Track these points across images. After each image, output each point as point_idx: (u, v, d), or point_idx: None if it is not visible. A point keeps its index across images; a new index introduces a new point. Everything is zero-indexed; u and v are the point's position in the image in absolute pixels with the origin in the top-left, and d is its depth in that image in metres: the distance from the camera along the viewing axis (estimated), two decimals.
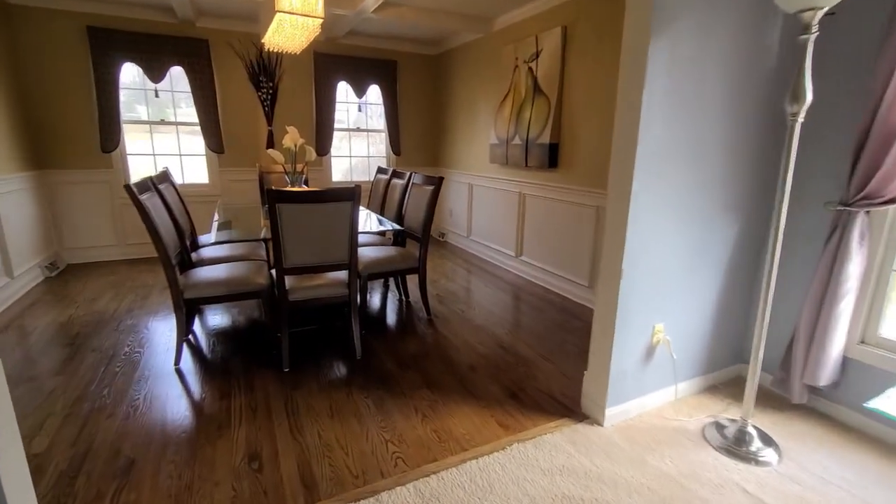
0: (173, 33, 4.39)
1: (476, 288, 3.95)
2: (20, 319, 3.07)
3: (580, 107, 3.46)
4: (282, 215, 2.26)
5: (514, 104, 4.14)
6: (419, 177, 3.34)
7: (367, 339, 2.88)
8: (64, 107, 4.18)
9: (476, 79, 4.86)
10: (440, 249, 5.38)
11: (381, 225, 3.15)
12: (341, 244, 2.45)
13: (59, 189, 4.29)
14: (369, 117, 5.66)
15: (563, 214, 3.74)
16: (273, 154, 3.22)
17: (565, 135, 3.64)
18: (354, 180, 5.67)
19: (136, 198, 2.22)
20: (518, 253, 4.38)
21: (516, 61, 4.07)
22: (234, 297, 2.55)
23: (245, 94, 4.82)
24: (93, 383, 2.30)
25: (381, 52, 5.35)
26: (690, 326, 2.18)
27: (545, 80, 3.73)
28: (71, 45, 4.09)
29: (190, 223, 3.29)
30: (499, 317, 3.29)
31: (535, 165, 3.90)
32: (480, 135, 4.87)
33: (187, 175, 4.88)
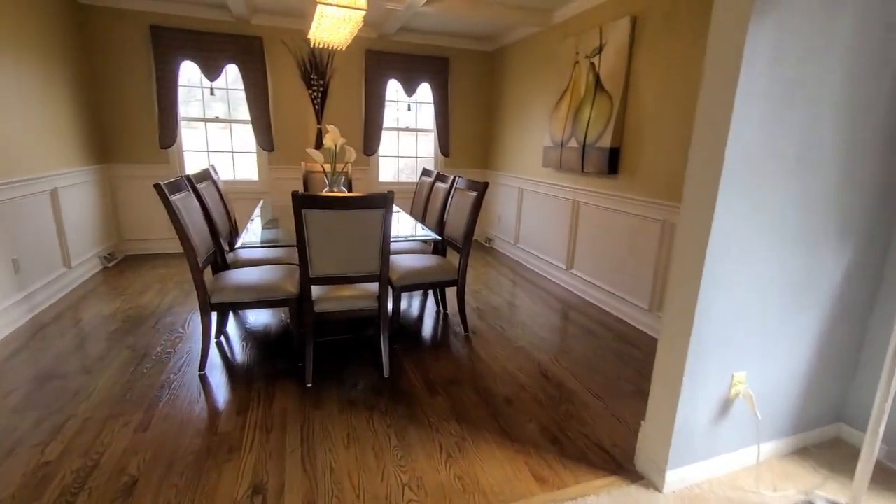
0: (229, 31, 4.43)
1: (521, 302, 3.65)
2: (70, 310, 3.16)
3: (648, 107, 3.06)
4: (308, 222, 2.10)
5: (571, 103, 3.78)
6: (463, 181, 3.10)
7: (398, 355, 2.68)
8: (127, 104, 4.33)
9: (531, 76, 4.53)
10: (485, 256, 5.11)
11: (418, 232, 2.94)
12: (372, 254, 2.26)
13: (120, 182, 4.46)
14: (419, 116, 5.49)
15: (623, 227, 3.35)
16: (312, 154, 3.10)
17: (629, 138, 3.25)
18: (402, 181, 5.53)
19: (165, 198, 2.15)
20: (569, 265, 4.02)
21: (576, 56, 3.71)
22: (262, 304, 2.43)
23: (296, 91, 4.80)
24: (118, 385, 2.26)
25: (433, 48, 5.16)
26: (780, 377, 1.78)
27: (608, 76, 3.35)
28: (135, 43, 4.23)
29: (230, 223, 3.25)
30: (543, 339, 2.98)
31: (593, 171, 3.53)
32: (533, 136, 4.54)
33: (238, 172, 4.94)
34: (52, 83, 3.49)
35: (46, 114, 3.41)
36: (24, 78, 3.13)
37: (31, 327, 2.87)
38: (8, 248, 2.86)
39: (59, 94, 3.60)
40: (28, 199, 3.11)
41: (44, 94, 3.39)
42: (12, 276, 2.89)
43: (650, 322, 3.10)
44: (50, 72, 3.48)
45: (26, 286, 3.02)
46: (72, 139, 3.76)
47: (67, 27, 3.79)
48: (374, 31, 4.87)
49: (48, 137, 3.43)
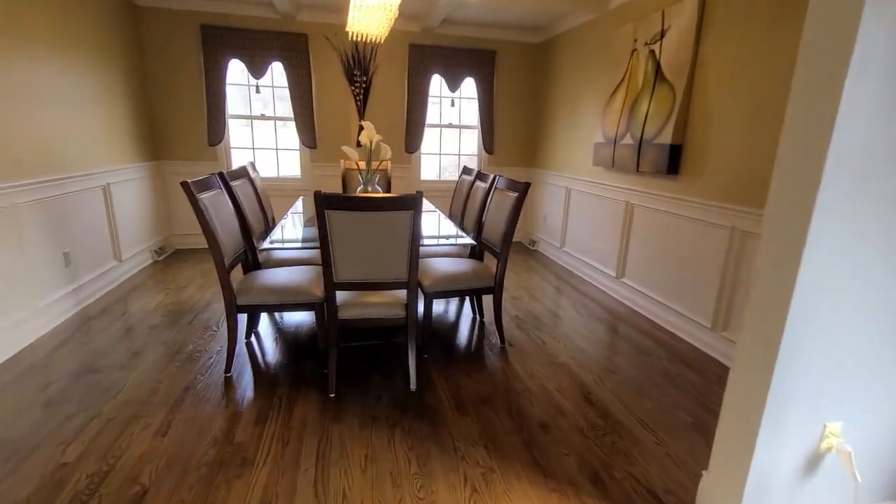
0: (275, 28, 4.44)
1: (564, 312, 3.38)
2: (117, 303, 3.25)
3: (718, 99, 2.70)
4: (331, 224, 1.97)
5: (627, 96, 3.45)
6: (503, 181, 2.88)
7: (427, 365, 2.51)
8: (178, 102, 4.45)
9: (583, 67, 4.21)
10: (528, 259, 4.85)
11: (449, 231, 2.75)
12: (400, 260, 2.10)
13: (171, 179, 4.60)
14: (462, 112, 5.29)
15: (683, 233, 3.00)
16: (347, 151, 2.99)
17: (693, 134, 2.89)
18: (444, 180, 5.36)
19: (192, 195, 2.10)
20: (619, 274, 3.69)
21: (634, 44, 3.37)
22: (286, 308, 2.35)
23: (339, 88, 4.76)
24: (146, 384, 2.25)
25: (478, 41, 4.94)
26: (888, 432, 1.44)
27: (671, 65, 3.00)
28: (186, 43, 4.33)
29: (266, 221, 3.22)
30: (588, 355, 2.71)
31: (650, 170, 3.19)
32: (584, 133, 4.22)
33: (282, 169, 4.97)
34: (108, 83, 3.62)
35: (102, 113, 3.54)
36: (83, 78, 3.25)
37: (79, 319, 2.96)
38: (59, 242, 2.97)
39: (115, 93, 3.73)
40: (81, 195, 3.22)
41: (100, 93, 3.51)
42: (63, 268, 2.99)
43: (712, 342, 2.75)
44: (106, 72, 3.61)
45: (76, 279, 3.13)
46: (125, 137, 3.90)
47: (123, 28, 3.92)
48: (417, 25, 4.73)
49: (103, 136, 3.55)
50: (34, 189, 2.73)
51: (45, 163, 2.87)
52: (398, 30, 4.72)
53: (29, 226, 2.69)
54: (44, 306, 2.78)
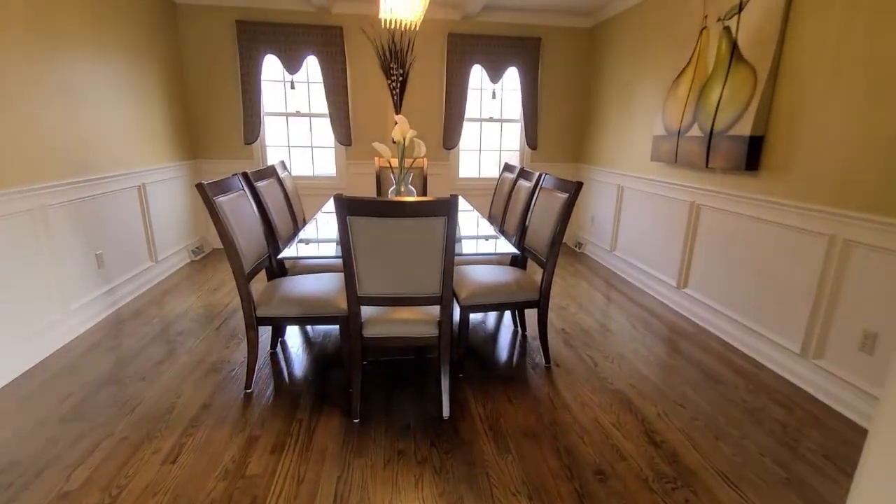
0: (310, 22, 4.29)
1: (617, 326, 3.01)
2: (149, 306, 3.20)
3: (815, 80, 2.25)
4: (354, 231, 1.74)
5: (695, 81, 3.02)
6: (550, 180, 2.56)
7: (462, 387, 2.25)
8: (214, 100, 4.40)
9: (641, 52, 3.78)
10: (575, 264, 4.47)
11: (486, 234, 2.46)
12: (432, 272, 1.84)
13: (208, 177, 4.50)
14: (504, 105, 4.96)
15: (765, 240, 2.56)
16: (378, 148, 2.76)
17: (779, 124, 2.45)
18: (483, 177, 5.06)
19: (207, 199, 1.93)
20: (681, 284, 3.27)
21: (704, 21, 2.94)
22: (311, 321, 2.15)
23: (375, 82, 4.55)
24: (164, 399, 2.12)
25: (522, 27, 4.59)
26: None
27: (751, 43, 2.56)
28: (222, 39, 4.25)
29: (294, 223, 3.05)
30: (648, 381, 2.35)
31: (723, 166, 2.76)
32: (640, 125, 3.80)
33: (317, 167, 4.84)
34: (145, 81, 3.58)
35: (139, 112, 3.50)
36: (119, 77, 3.20)
37: (110, 323, 2.91)
38: (93, 243, 2.93)
39: (152, 92, 3.70)
40: (115, 195, 3.18)
41: (137, 92, 3.47)
42: (95, 270, 2.95)
43: (802, 372, 2.31)
44: (143, 70, 3.57)
45: (110, 280, 3.10)
46: (162, 136, 3.86)
47: (162, 26, 3.88)
48: (456, 13, 4.44)
49: (139, 135, 3.51)
50: (66, 190, 2.68)
51: (79, 163, 2.82)
52: (436, 19, 4.45)
53: (60, 227, 2.64)
54: (75, 309, 2.74)
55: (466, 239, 2.54)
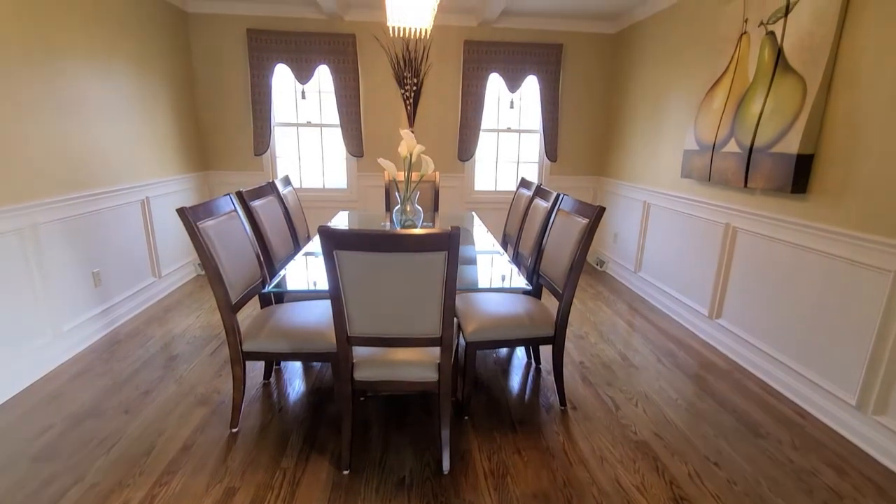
0: (322, 30, 4.17)
1: (642, 360, 2.74)
2: (146, 326, 3.08)
3: (878, 91, 1.96)
4: (343, 266, 1.55)
5: (732, 92, 2.74)
6: (569, 201, 2.32)
7: (467, 432, 2.02)
8: (224, 111, 4.31)
9: (671, 59, 3.51)
10: (596, 284, 4.19)
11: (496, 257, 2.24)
12: (430, 312, 1.63)
13: (217, 190, 4.48)
14: (522, 115, 4.73)
15: (814, 272, 2.26)
16: (384, 164, 2.58)
17: (832, 141, 2.16)
18: (500, 190, 4.84)
19: (189, 225, 1.77)
20: (714, 314, 2.97)
21: (744, 25, 2.66)
22: (300, 357, 1.97)
23: (388, 92, 4.39)
24: (144, 438, 1.96)
25: (543, 34, 4.37)
26: None
27: (799, 49, 2.28)
28: (233, 48, 4.16)
29: (296, 242, 2.89)
30: (678, 431, 2.08)
31: (764, 187, 2.47)
32: (669, 137, 3.52)
33: (328, 177, 4.70)
34: (153, 91, 3.49)
35: (146, 123, 3.41)
36: (125, 86, 3.12)
37: (104, 345, 2.80)
38: (89, 262, 2.83)
39: (160, 102, 3.61)
40: (116, 210, 3.08)
41: (144, 102, 3.38)
42: (92, 289, 2.85)
43: (861, 428, 2.01)
44: (152, 80, 3.48)
45: (107, 299, 2.99)
46: (169, 148, 3.78)
47: (173, 36, 3.80)
48: (473, 19, 4.25)
49: (145, 147, 3.43)
50: (61, 207, 2.58)
51: (78, 178, 2.73)
52: (452, 25, 4.27)
53: (52, 246, 2.54)
54: (67, 331, 2.63)
55: (475, 259, 2.33)
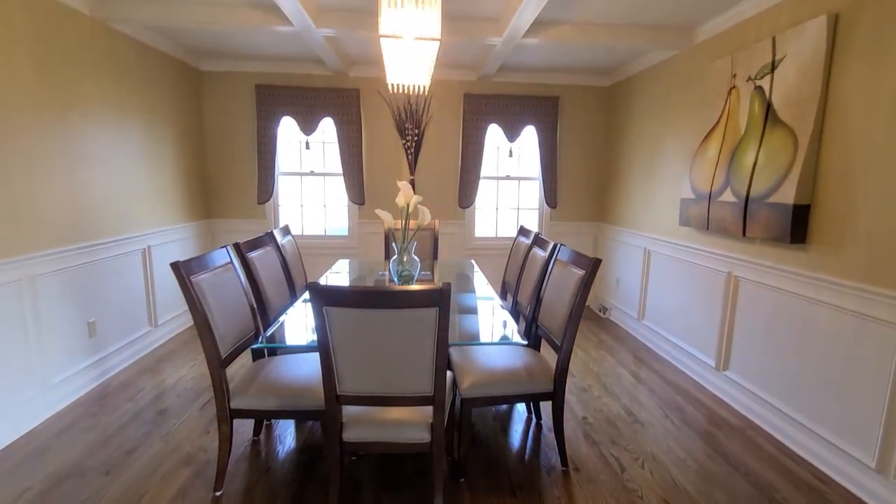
0: (327, 85, 4.34)
1: (648, 415, 2.62)
2: (138, 377, 3.02)
3: (867, 145, 1.98)
4: (332, 323, 1.52)
5: (725, 143, 2.78)
6: (566, 252, 2.31)
7: (461, 498, 1.91)
8: (230, 161, 4.43)
9: (664, 111, 3.60)
10: (599, 332, 4.10)
11: (494, 311, 2.19)
12: (422, 369, 1.59)
13: (219, 238, 4.53)
14: (522, 162, 4.83)
15: (821, 325, 2.20)
16: (381, 214, 2.60)
17: (828, 191, 2.16)
18: (500, 237, 4.86)
19: (182, 279, 1.76)
20: (721, 365, 2.87)
21: (733, 80, 2.74)
22: (288, 415, 1.90)
23: (389, 142, 4.52)
24: (123, 502, 1.87)
25: (539, 87, 4.52)
26: None
27: (788, 103, 2.33)
28: (241, 103, 4.34)
29: (292, 292, 2.88)
30: (688, 498, 1.95)
31: (763, 236, 2.46)
32: (665, 186, 3.55)
33: (329, 223, 4.75)
34: (162, 143, 3.61)
35: (152, 174, 3.50)
36: (135, 138, 3.22)
37: (93, 397, 2.74)
38: (85, 311, 2.82)
39: (167, 153, 3.72)
40: (116, 260, 3.10)
41: (152, 153, 3.49)
42: (85, 340, 2.82)
43: (884, 493, 1.88)
44: (163, 134, 3.61)
45: (101, 349, 2.95)
46: (174, 197, 3.85)
47: (185, 91, 3.98)
48: (473, 74, 4.42)
49: (149, 197, 3.49)
50: (61, 258, 2.60)
51: (79, 229, 2.76)
52: (452, 80, 4.44)
53: (49, 297, 2.54)
54: (56, 383, 2.58)
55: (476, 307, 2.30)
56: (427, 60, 2.17)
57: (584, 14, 2.95)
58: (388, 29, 1.92)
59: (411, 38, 2.02)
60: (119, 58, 3.11)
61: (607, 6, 2.81)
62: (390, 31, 1.92)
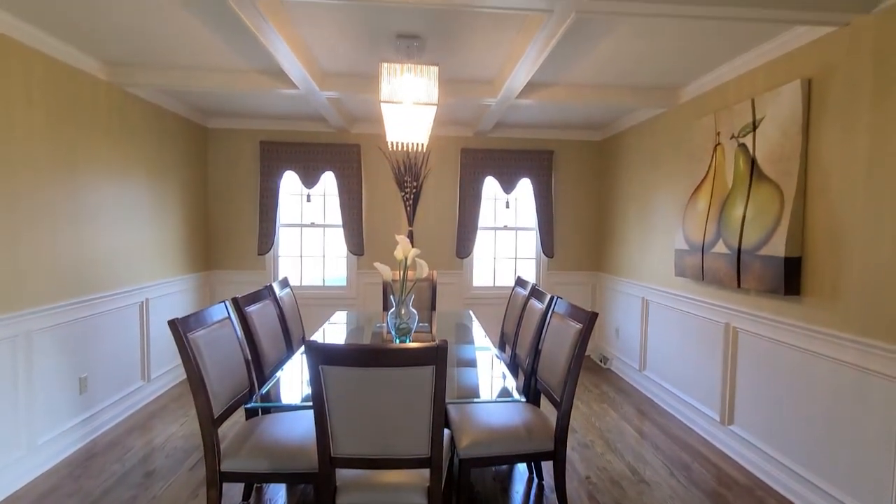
0: (329, 141, 4.52)
1: (654, 474, 2.53)
2: (127, 435, 2.93)
3: (854, 199, 2.05)
4: (328, 381, 1.51)
5: (714, 196, 2.87)
6: (563, 305, 2.32)
7: None
8: (233, 214, 4.53)
9: (655, 164, 3.73)
10: (600, 383, 4.03)
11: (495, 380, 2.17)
12: (418, 430, 1.56)
13: (218, 289, 4.54)
14: (518, 213, 4.93)
15: (823, 377, 2.17)
16: (379, 268, 2.63)
17: (818, 244, 2.21)
18: (499, 286, 4.87)
19: (179, 336, 1.76)
20: (726, 419, 2.80)
21: (717, 137, 2.87)
22: (279, 478, 1.84)
23: (389, 194, 4.64)
24: None
25: (534, 141, 4.71)
26: None
27: (771, 160, 2.43)
28: (246, 158, 4.49)
29: (289, 346, 2.85)
30: None
31: (758, 288, 2.48)
32: (660, 236, 3.61)
33: (328, 273, 4.78)
34: (166, 197, 3.70)
35: (155, 229, 3.56)
36: (140, 194, 3.31)
37: (80, 457, 2.64)
38: (78, 367, 2.78)
39: (172, 208, 3.81)
40: (113, 314, 3.10)
41: (156, 207, 3.57)
42: (76, 397, 2.76)
43: None
44: (167, 189, 3.71)
45: (91, 406, 2.89)
46: (175, 250, 3.90)
47: (192, 148, 4.13)
48: (469, 130, 4.62)
49: (151, 249, 3.54)
50: (57, 313, 2.60)
51: (78, 284, 2.78)
52: (449, 136, 4.63)
53: (43, 353, 2.51)
54: (42, 444, 2.50)
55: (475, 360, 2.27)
56: (425, 122, 2.28)
57: (574, 76, 3.13)
58: (388, 95, 2.04)
59: (410, 103, 2.14)
60: (130, 117, 3.26)
61: (595, 69, 2.98)
62: (390, 97, 2.03)
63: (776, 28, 2.30)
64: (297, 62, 2.58)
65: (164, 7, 2.20)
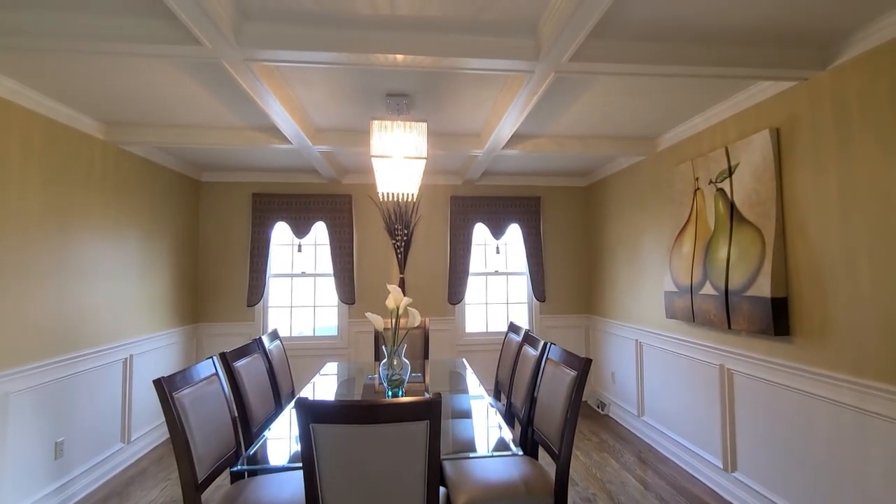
0: (321, 192, 4.60)
1: None
2: (103, 501, 2.76)
3: (831, 241, 2.12)
4: (318, 439, 1.46)
5: (698, 239, 2.95)
6: (557, 351, 2.31)
7: None
8: (223, 266, 4.50)
9: (640, 208, 3.84)
10: (598, 430, 3.93)
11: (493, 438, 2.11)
12: (413, 489, 1.49)
13: (205, 342, 4.44)
14: (509, 258, 4.98)
15: (823, 420, 2.15)
16: (371, 318, 2.60)
17: (803, 285, 2.26)
18: (492, 331, 4.84)
19: (164, 397, 1.71)
20: (729, 465, 2.73)
21: (696, 182, 2.98)
22: None
23: (380, 242, 4.68)
24: None
25: (521, 188, 4.84)
26: None
27: (749, 204, 2.52)
28: (237, 210, 4.53)
29: (278, 401, 2.77)
30: None
31: (748, 329, 2.50)
32: (648, 278, 3.66)
33: (318, 323, 4.71)
34: (156, 253, 3.68)
35: (142, 283, 3.52)
36: (130, 250, 3.29)
37: None
38: (54, 431, 2.65)
39: (161, 261, 3.78)
40: (94, 372, 3.00)
41: (146, 263, 3.54)
42: (50, 462, 2.62)
43: None
44: (157, 243, 3.70)
45: (67, 472, 2.73)
46: (162, 304, 3.84)
47: (184, 201, 4.17)
48: (458, 179, 4.74)
49: (137, 304, 3.48)
50: (37, 374, 2.51)
51: (60, 342, 2.71)
52: (438, 184, 4.74)
53: (19, 417, 2.40)
54: None
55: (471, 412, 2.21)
56: (415, 175, 2.35)
57: (557, 128, 3.27)
58: (379, 150, 2.11)
59: (400, 157, 2.21)
60: (123, 173, 3.31)
61: (577, 122, 3.13)
62: (381, 152, 2.10)
63: (744, 82, 2.46)
64: (290, 120, 2.68)
65: (163, 73, 2.30)
